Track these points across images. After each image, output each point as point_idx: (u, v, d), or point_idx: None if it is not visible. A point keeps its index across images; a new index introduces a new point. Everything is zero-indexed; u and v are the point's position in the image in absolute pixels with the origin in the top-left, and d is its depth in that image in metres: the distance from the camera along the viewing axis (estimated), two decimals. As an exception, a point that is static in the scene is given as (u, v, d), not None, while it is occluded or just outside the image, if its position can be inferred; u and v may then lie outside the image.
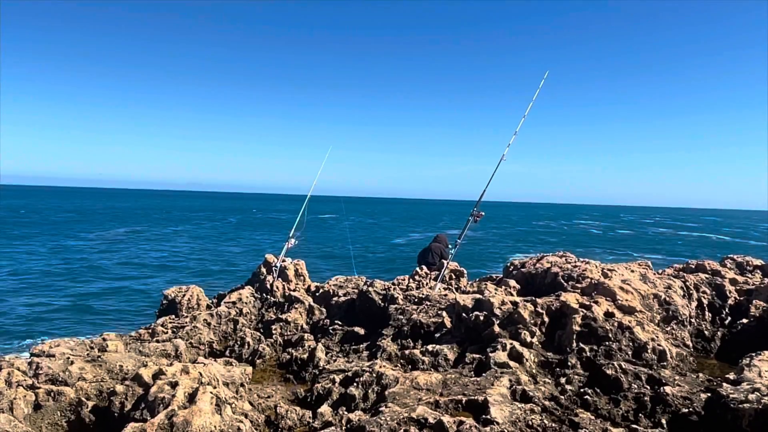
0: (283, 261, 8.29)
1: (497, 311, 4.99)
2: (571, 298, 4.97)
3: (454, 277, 7.66)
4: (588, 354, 4.43)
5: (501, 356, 4.39)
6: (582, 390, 4.01)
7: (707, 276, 6.60)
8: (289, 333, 6.45)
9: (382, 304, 6.48)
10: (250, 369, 4.69)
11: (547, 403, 3.77)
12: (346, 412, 3.75)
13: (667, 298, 5.36)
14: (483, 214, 7.71)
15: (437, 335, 5.35)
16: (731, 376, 3.86)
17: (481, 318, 5.00)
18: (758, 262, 7.71)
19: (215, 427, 3.26)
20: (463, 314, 5.16)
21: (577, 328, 4.59)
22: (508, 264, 7.62)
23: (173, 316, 7.26)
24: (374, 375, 4.15)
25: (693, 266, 7.35)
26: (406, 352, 4.97)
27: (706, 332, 5.61)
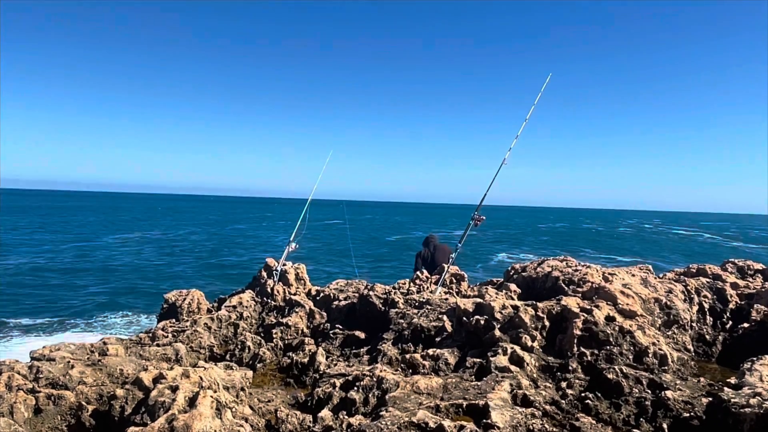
0: (284, 265, 8.29)
1: (498, 315, 4.99)
2: (572, 303, 4.97)
3: (454, 281, 7.65)
4: (589, 358, 4.42)
5: (502, 360, 4.38)
6: (583, 394, 4.01)
7: (708, 280, 6.59)
8: (289, 337, 6.45)
9: (383, 308, 6.48)
10: (250, 373, 4.68)
11: (548, 407, 3.76)
12: (346, 417, 3.74)
13: (668, 302, 5.35)
14: (484, 218, 7.70)
15: (438, 339, 5.34)
16: (732, 380, 3.85)
17: (482, 322, 5.00)
18: (759, 266, 7.69)
19: (215, 431, 3.26)
20: (464, 318, 5.15)
21: (578, 332, 4.59)
22: (509, 268, 7.61)
23: (174, 320, 7.26)
24: (375, 379, 4.14)
25: (694, 270, 7.34)
26: (407, 356, 4.97)
27: (707, 336, 5.60)
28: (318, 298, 7.69)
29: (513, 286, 6.31)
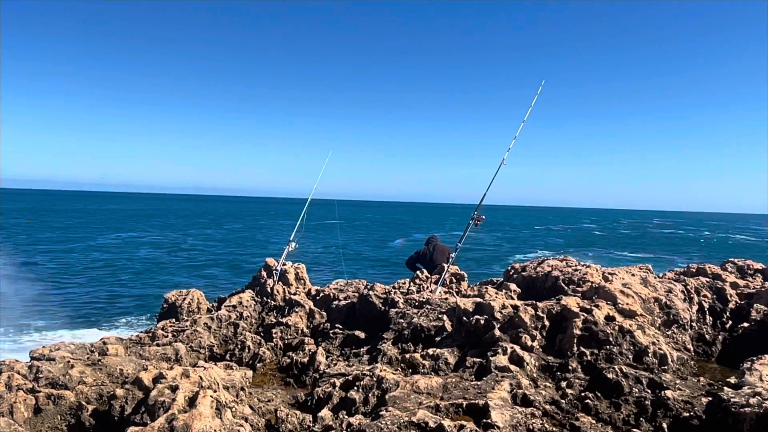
0: (284, 264, 8.29)
1: (498, 315, 4.99)
2: (572, 302, 4.97)
3: (454, 280, 7.65)
4: (589, 358, 4.42)
5: (502, 360, 4.39)
6: (583, 394, 4.01)
7: (708, 280, 6.59)
8: (289, 337, 6.45)
9: (383, 307, 6.48)
10: (250, 373, 4.68)
11: (547, 407, 3.77)
12: (346, 416, 3.74)
13: (668, 302, 5.35)
14: (484, 218, 7.70)
15: (438, 339, 5.35)
16: (732, 380, 3.86)
17: (482, 322, 5.00)
18: (759, 265, 7.69)
19: (215, 430, 3.26)
20: (464, 318, 5.15)
21: (577, 331, 4.59)
22: (509, 268, 7.60)
23: (174, 320, 7.26)
24: (375, 379, 4.14)
25: (693, 270, 7.33)
26: (407, 355, 4.97)
27: (707, 336, 5.60)
28: (318, 297, 7.69)
29: (513, 286, 6.31)
